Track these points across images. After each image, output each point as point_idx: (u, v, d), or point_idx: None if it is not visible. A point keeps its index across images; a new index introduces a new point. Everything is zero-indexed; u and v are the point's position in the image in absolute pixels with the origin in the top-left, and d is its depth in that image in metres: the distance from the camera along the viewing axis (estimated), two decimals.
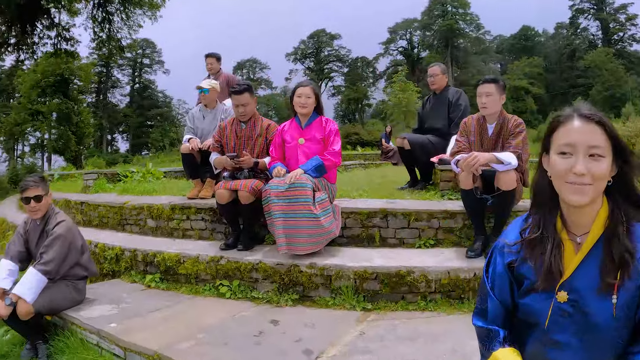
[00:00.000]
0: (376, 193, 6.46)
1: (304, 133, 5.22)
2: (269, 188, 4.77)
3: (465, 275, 4.36)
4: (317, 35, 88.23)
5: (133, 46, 70.04)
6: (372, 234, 5.23)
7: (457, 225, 5.15)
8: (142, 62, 79.22)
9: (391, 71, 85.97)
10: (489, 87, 4.95)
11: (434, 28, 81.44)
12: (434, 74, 6.98)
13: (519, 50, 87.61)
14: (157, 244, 5.87)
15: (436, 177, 6.60)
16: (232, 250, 5.21)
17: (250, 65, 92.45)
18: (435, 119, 6.83)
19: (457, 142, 5.12)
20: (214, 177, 6.49)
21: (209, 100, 6.96)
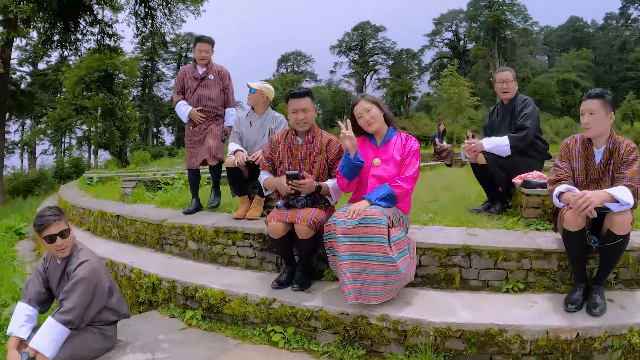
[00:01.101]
0: (447, 214, 5.77)
1: (379, 153, 4.41)
2: (333, 223, 3.97)
3: (566, 336, 3.59)
4: (362, 28, 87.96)
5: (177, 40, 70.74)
6: (451, 275, 4.44)
7: (551, 267, 4.32)
8: (186, 55, 79.74)
9: (437, 63, 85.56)
10: (592, 104, 4.10)
11: (480, 19, 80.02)
12: (506, 80, 6.00)
13: (567, 42, 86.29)
14: (199, 273, 5.23)
15: (516, 199, 5.75)
16: (285, 290, 4.50)
17: (294, 58, 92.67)
18: (506, 132, 5.86)
19: (557, 168, 4.29)
20: (262, 193, 5.69)
21: (255, 103, 6.26)
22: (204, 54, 6.78)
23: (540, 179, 5.34)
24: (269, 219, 4.44)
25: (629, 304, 3.95)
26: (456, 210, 6.15)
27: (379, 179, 4.27)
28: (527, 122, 5.69)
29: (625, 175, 3.93)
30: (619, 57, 77.89)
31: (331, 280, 4.69)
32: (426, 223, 5.34)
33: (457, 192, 8.06)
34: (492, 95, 70.58)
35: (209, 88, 6.77)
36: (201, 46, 6.80)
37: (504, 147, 5.63)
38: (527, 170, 5.67)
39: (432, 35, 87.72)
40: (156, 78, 76.53)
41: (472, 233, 4.83)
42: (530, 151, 5.84)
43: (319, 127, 4.84)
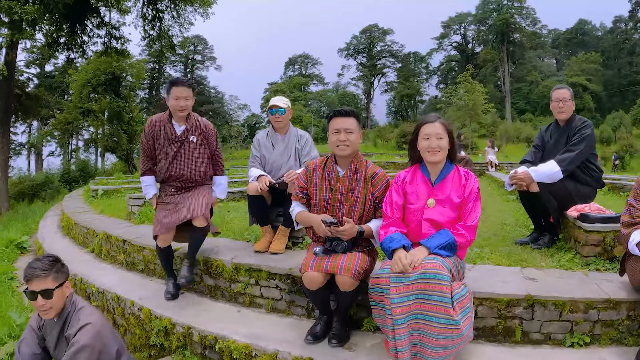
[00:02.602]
0: (493, 247, 5.39)
1: (435, 191, 3.75)
2: (386, 277, 3.37)
3: None
4: (369, 31, 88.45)
5: (184, 43, 70.58)
6: (511, 327, 3.89)
7: (619, 317, 3.83)
8: (194, 58, 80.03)
9: (445, 67, 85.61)
10: None
11: (489, 22, 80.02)
12: (563, 99, 5.43)
13: (575, 45, 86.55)
14: (217, 317, 4.63)
15: (570, 233, 5.19)
16: (322, 345, 3.89)
17: (302, 60, 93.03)
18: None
19: (633, 209, 3.74)
20: (288, 223, 5.13)
21: (285, 124, 5.60)
22: (183, 103, 5.01)
23: (600, 212, 4.85)
24: (305, 269, 3.78)
25: None
26: (501, 241, 5.74)
27: (434, 224, 3.66)
28: (580, 145, 5.20)
29: None
30: (628, 60, 77.93)
31: (372, 331, 4.12)
32: (475, 262, 4.82)
33: (491, 215, 7.67)
34: (500, 99, 70.45)
35: (192, 155, 5.14)
36: (178, 91, 5.00)
37: (555, 173, 5.12)
38: (581, 199, 5.21)
39: (440, 39, 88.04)
40: (163, 80, 76.38)
41: (530, 276, 4.30)
42: (586, 178, 5.34)
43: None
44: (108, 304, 5.64)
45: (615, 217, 4.63)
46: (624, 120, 50.34)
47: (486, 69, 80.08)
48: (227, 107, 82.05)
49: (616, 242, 4.60)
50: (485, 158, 23.26)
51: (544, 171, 5.15)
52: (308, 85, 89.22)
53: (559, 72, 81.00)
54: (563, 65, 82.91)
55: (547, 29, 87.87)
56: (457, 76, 45.40)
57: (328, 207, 4.03)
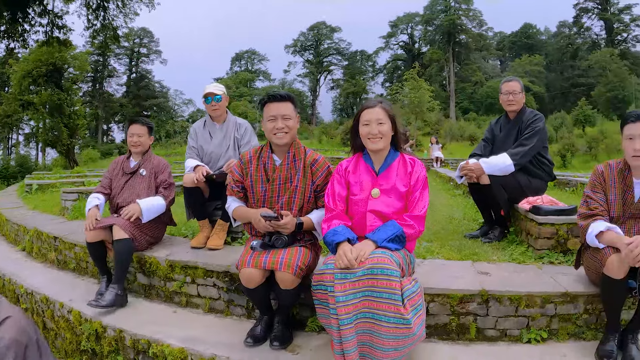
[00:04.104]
0: (443, 241, 5.23)
1: (379, 180, 3.49)
2: (329, 273, 3.07)
3: None
4: (317, 28, 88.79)
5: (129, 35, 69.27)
6: (465, 324, 3.69)
7: (577, 311, 3.72)
8: (139, 51, 78.54)
9: (391, 66, 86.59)
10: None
11: (436, 23, 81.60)
12: (513, 91, 5.32)
13: (519, 48, 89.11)
14: (151, 319, 4.26)
15: (522, 226, 5.09)
16: (263, 347, 3.59)
17: (248, 56, 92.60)
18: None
19: (590, 200, 3.62)
20: (227, 217, 4.75)
21: (222, 112, 5.33)
22: (136, 139, 5.17)
23: (552, 204, 4.75)
24: (241, 265, 3.48)
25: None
26: (450, 235, 5.61)
27: (380, 216, 3.40)
28: (533, 139, 5.13)
29: None
30: (570, 64, 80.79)
31: (317, 331, 3.86)
32: (424, 256, 4.63)
33: (439, 210, 7.60)
34: (445, 98, 71.62)
35: (139, 186, 5.13)
36: (133, 129, 5.22)
37: (507, 167, 5.03)
38: (533, 192, 5.13)
39: (388, 38, 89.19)
40: (107, 73, 74.94)
41: (482, 271, 4.15)
42: (537, 171, 5.26)
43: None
44: (37, 306, 5.20)
45: (568, 210, 4.57)
46: (565, 121, 51.77)
47: (432, 69, 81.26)
48: (171, 102, 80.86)
49: (570, 234, 4.51)
50: (430, 154, 23.46)
51: (495, 163, 5.05)
52: (254, 81, 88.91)
53: (503, 73, 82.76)
54: (507, 66, 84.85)
55: (492, 32, 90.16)
56: (404, 74, 45.81)
57: (266, 199, 3.73)
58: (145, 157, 5.25)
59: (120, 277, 4.52)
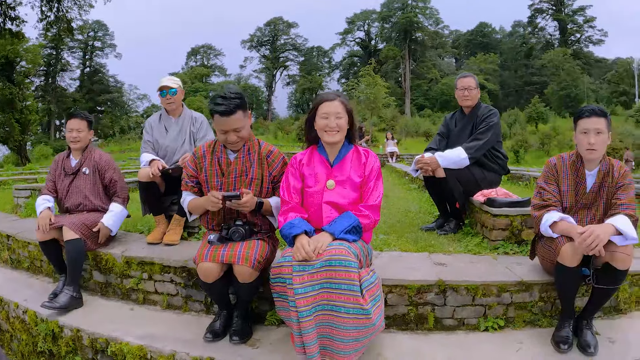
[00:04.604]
0: (399, 233, 5.27)
1: (334, 172, 3.50)
2: (288, 265, 3.07)
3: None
4: (274, 23, 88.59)
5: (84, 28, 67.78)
6: (423, 314, 3.75)
7: (532, 299, 3.84)
8: (93, 45, 76.88)
9: (347, 62, 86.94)
10: (600, 123, 3.55)
11: (393, 20, 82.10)
12: (468, 87, 5.42)
13: (475, 46, 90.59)
14: (109, 317, 4.16)
15: (477, 218, 5.20)
16: (222, 342, 3.56)
17: (204, 51, 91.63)
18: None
19: (543, 192, 3.74)
20: (183, 212, 4.68)
21: (177, 105, 5.25)
22: (75, 134, 4.89)
23: (506, 196, 4.86)
24: (199, 259, 3.44)
25: (618, 337, 3.65)
26: (406, 228, 5.65)
27: (336, 207, 3.41)
28: (487, 133, 5.25)
29: (622, 201, 3.50)
30: (524, 62, 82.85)
31: (276, 325, 3.85)
32: (381, 248, 4.67)
33: (395, 203, 7.69)
34: (401, 94, 72.30)
35: (82, 187, 4.93)
36: (72, 124, 4.93)
37: (462, 160, 5.13)
38: (487, 185, 5.24)
39: (344, 34, 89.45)
40: (60, 67, 72.99)
41: (439, 262, 4.22)
42: (492, 164, 5.38)
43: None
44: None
45: (522, 202, 4.68)
46: (518, 118, 52.91)
47: (388, 66, 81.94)
48: (126, 97, 79.36)
49: (524, 226, 4.64)
50: (386, 150, 23.61)
51: (450, 157, 5.13)
52: (210, 77, 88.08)
53: (458, 70, 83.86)
54: (462, 64, 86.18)
55: (448, 30, 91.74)
56: (360, 70, 46.07)
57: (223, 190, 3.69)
58: (86, 154, 5.03)
59: (74, 278, 4.40)
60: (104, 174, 4.97)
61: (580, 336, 3.45)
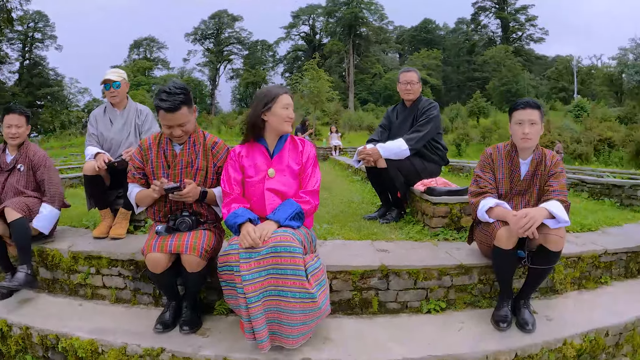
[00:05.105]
0: (342, 223, 5.40)
1: (274, 162, 3.62)
2: (234, 253, 3.16)
3: (505, 358, 3.36)
4: (219, 16, 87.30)
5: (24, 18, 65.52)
6: (367, 299, 3.90)
7: (472, 282, 4.07)
8: (33, 36, 74.07)
9: (291, 56, 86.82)
10: (534, 114, 3.78)
11: (338, 15, 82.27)
12: (411, 81, 5.61)
13: (418, 42, 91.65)
14: (58, 314, 4.09)
15: (417, 206, 5.40)
16: (173, 333, 3.59)
17: (147, 44, 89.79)
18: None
19: (480, 179, 3.96)
20: (129, 205, 4.77)
21: (121, 98, 5.22)
22: (14, 130, 4.73)
23: (446, 185, 5.08)
24: (147, 250, 3.47)
25: (554, 315, 3.91)
26: (349, 218, 5.80)
27: (278, 194, 3.54)
28: (427, 126, 5.44)
29: (555, 188, 3.73)
30: (467, 59, 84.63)
31: (225, 314, 3.91)
32: (325, 237, 4.80)
33: (338, 195, 7.82)
34: (345, 89, 72.73)
35: (17, 185, 4.77)
36: (11, 119, 4.74)
37: (403, 151, 5.30)
38: (428, 175, 5.45)
39: (289, 28, 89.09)
40: None
41: (381, 248, 4.38)
42: (432, 155, 5.57)
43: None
44: None
45: (460, 190, 4.89)
46: (460, 112, 54.04)
47: (332, 60, 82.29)
48: (66, 90, 76.87)
49: (463, 213, 4.85)
50: (329, 143, 23.74)
51: (392, 148, 5.29)
52: (152, 70, 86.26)
53: (402, 66, 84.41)
54: (406, 59, 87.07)
55: (393, 25, 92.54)
56: (304, 64, 46.15)
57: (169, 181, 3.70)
58: (22, 150, 4.85)
59: (25, 258, 4.30)
60: (37, 172, 4.82)
61: (519, 315, 3.67)
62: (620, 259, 4.84)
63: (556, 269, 4.34)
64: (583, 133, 36.82)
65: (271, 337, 3.15)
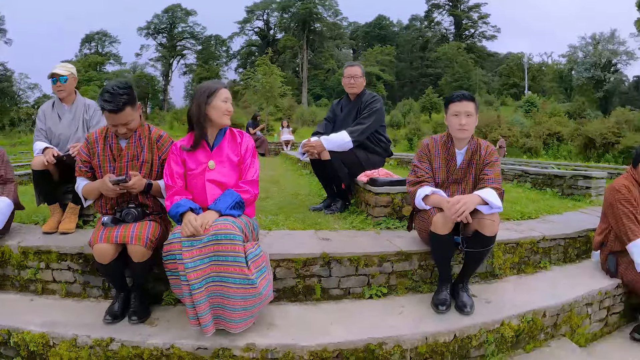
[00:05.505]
0: (288, 214, 5.51)
1: (214, 154, 3.72)
2: (177, 242, 3.28)
3: (444, 339, 3.53)
4: (172, 10, 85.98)
5: None
6: (310, 286, 4.04)
7: (412, 267, 4.27)
8: None
9: (245, 51, 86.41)
10: (469, 106, 3.99)
11: (292, 10, 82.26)
12: (354, 75, 5.78)
13: (372, 38, 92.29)
14: (9, 309, 4.07)
15: (361, 197, 5.59)
16: (122, 324, 3.64)
17: (99, 38, 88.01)
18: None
19: (417, 169, 4.15)
20: (78, 200, 4.70)
21: (68, 92, 5.20)
22: None
23: (388, 176, 5.25)
24: (94, 240, 3.55)
25: (493, 298, 4.12)
26: (295, 209, 5.91)
27: (218, 184, 3.66)
28: (370, 118, 5.59)
29: (490, 176, 3.93)
30: (420, 55, 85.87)
31: (173, 304, 4.00)
32: (270, 228, 4.92)
33: (286, 188, 7.93)
34: (298, 84, 72.85)
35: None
36: None
37: (346, 143, 5.44)
38: (371, 167, 5.60)
39: (243, 23, 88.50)
40: None
41: (324, 237, 4.53)
42: (375, 147, 5.74)
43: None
44: None
45: (402, 180, 5.07)
46: (413, 107, 54.86)
47: (286, 55, 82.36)
48: (16, 86, 74.83)
49: (404, 203, 5.03)
50: (280, 138, 23.77)
51: (335, 140, 5.44)
52: (104, 65, 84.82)
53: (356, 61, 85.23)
54: (360, 55, 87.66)
55: (347, 21, 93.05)
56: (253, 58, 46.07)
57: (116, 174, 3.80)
58: None
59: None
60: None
61: (458, 298, 3.87)
62: (559, 245, 5.14)
63: (495, 254, 4.58)
64: (533, 127, 37.74)
65: (216, 321, 3.28)
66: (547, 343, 4.01)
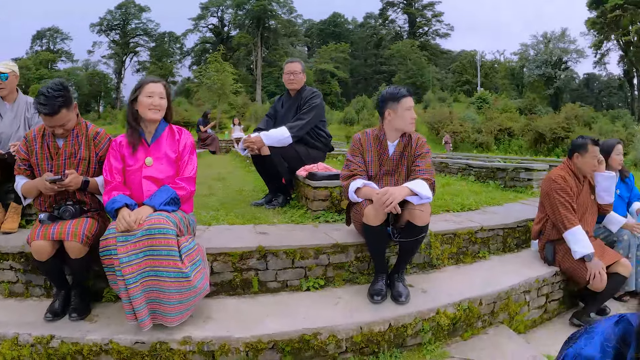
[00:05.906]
0: (228, 209, 5.60)
1: (151, 150, 3.78)
2: (112, 237, 3.32)
3: (379, 328, 3.62)
4: (125, 6, 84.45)
5: None
6: (247, 279, 4.12)
7: (348, 259, 4.38)
8: None
9: (199, 48, 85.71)
10: (412, 101, 4.21)
11: (247, 7, 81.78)
12: (294, 72, 5.93)
13: (327, 36, 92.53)
14: None
15: (301, 191, 5.73)
16: (63, 321, 3.66)
17: (50, 35, 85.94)
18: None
19: (350, 163, 4.28)
20: (20, 199, 4.62)
21: (9, 91, 5.16)
22: None
23: (326, 170, 5.38)
24: (31, 238, 3.58)
25: (429, 288, 4.25)
26: (237, 205, 5.98)
27: (155, 181, 3.72)
28: (310, 114, 5.70)
29: (421, 167, 4.06)
30: (374, 52, 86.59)
31: (113, 301, 4.03)
32: (210, 223, 4.99)
33: (231, 184, 7.98)
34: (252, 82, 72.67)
35: None
36: None
37: (285, 138, 5.55)
38: (311, 162, 5.71)
39: (197, 20, 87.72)
40: None
41: (262, 231, 4.63)
42: (315, 143, 5.86)
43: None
44: None
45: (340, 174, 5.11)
46: (366, 104, 55.22)
47: (240, 53, 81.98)
48: None
49: (342, 196, 5.15)
50: (231, 135, 23.70)
51: (274, 136, 5.55)
52: (56, 62, 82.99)
53: (310, 59, 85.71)
54: (314, 52, 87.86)
55: (302, 19, 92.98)
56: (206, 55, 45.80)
57: (53, 172, 3.82)
58: None
59: None
60: None
61: (393, 288, 3.98)
62: (498, 235, 5.35)
63: (432, 245, 4.75)
64: (484, 123, 38.45)
65: (152, 315, 3.35)
66: (485, 330, 4.14)
